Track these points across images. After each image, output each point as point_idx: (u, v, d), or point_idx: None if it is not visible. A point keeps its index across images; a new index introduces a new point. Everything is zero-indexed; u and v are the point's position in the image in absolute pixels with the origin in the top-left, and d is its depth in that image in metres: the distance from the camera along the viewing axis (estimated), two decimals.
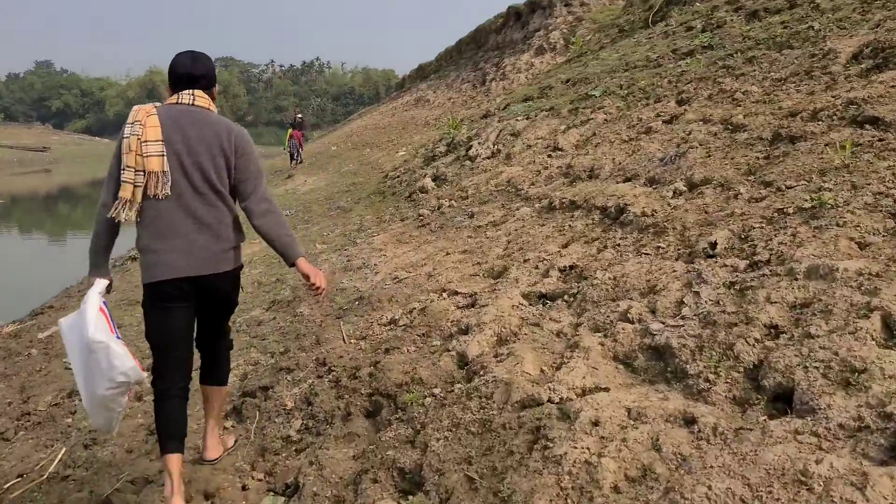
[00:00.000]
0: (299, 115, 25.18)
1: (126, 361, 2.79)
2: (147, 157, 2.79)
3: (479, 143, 8.37)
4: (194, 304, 3.03)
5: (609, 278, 3.37)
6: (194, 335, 3.19)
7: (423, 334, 3.78)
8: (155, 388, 3.03)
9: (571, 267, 3.79)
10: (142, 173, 2.80)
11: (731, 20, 7.67)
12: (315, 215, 10.73)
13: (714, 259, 3.18)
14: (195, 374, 3.28)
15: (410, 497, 2.54)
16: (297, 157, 21.74)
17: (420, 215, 7.14)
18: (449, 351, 3.37)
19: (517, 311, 3.52)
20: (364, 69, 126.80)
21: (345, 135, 33.76)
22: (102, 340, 2.76)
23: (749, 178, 3.91)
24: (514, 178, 6.60)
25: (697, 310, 2.76)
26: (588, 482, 2.08)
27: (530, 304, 3.62)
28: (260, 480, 3.22)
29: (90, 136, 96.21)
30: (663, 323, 2.80)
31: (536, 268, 4.03)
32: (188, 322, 3.07)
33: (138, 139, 2.80)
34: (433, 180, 8.42)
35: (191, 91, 2.94)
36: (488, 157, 7.92)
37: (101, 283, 2.99)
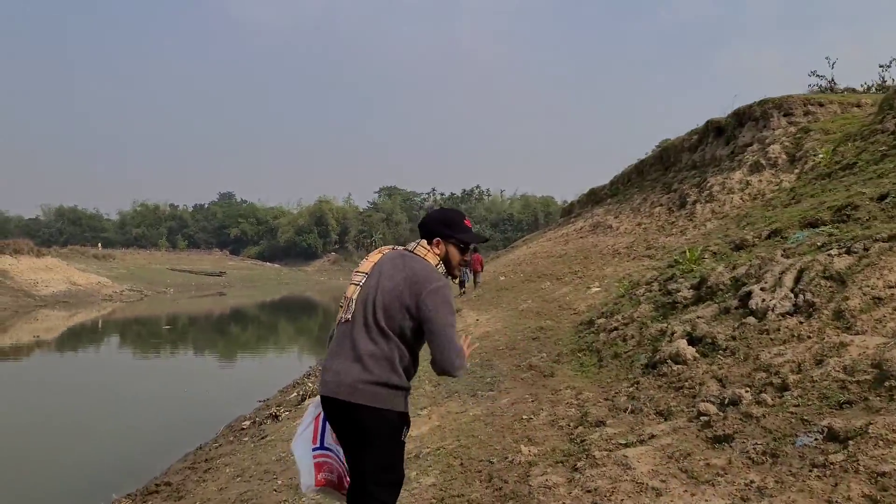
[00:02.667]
0: None
1: (306, 478, 3.01)
2: (349, 283, 3.05)
3: (763, 290, 5.48)
4: (347, 430, 2.97)
5: None
6: None
7: None
8: None
9: None
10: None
11: None
12: (500, 375, 8.08)
13: None
14: None
15: None
16: (468, 281, 21.76)
17: (702, 415, 4.27)
18: None
19: None
20: (523, 196, 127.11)
21: (511, 263, 31.62)
22: (294, 453, 3.10)
23: None
24: (892, 362, 3.64)
25: None
26: None
27: None
28: None
29: (262, 262, 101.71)
30: None
31: None
32: (348, 443, 3.04)
33: (355, 270, 3.09)
34: (690, 343, 5.57)
35: (419, 240, 3.14)
36: (791, 314, 5.00)
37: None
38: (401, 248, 3.14)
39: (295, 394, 12.29)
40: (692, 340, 5.62)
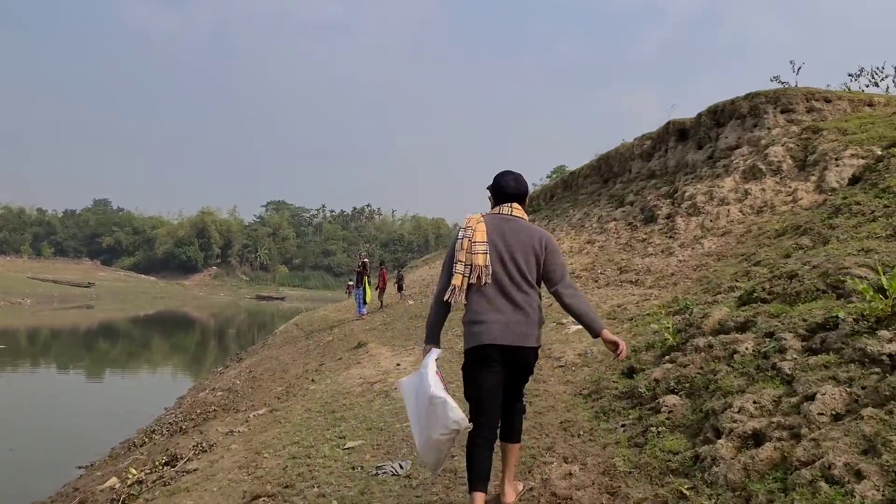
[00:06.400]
0: (365, 259, 20.71)
1: (458, 413, 3.28)
2: (475, 253, 3.53)
3: None
4: (502, 369, 3.52)
5: None
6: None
7: None
8: (468, 437, 3.47)
9: None
10: (469, 266, 3.52)
11: None
12: None
13: None
14: None
15: None
16: (363, 306, 19.60)
17: None
18: None
19: None
20: (414, 217, 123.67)
21: (418, 283, 27.49)
22: (441, 396, 3.30)
23: None
24: None
25: None
26: None
27: None
28: None
29: (136, 274, 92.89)
30: None
31: None
32: (497, 382, 3.54)
33: (469, 240, 3.56)
34: None
35: (510, 204, 3.70)
36: None
37: (436, 352, 3.58)
38: (491, 213, 3.71)
39: (108, 484, 7.49)
40: None
